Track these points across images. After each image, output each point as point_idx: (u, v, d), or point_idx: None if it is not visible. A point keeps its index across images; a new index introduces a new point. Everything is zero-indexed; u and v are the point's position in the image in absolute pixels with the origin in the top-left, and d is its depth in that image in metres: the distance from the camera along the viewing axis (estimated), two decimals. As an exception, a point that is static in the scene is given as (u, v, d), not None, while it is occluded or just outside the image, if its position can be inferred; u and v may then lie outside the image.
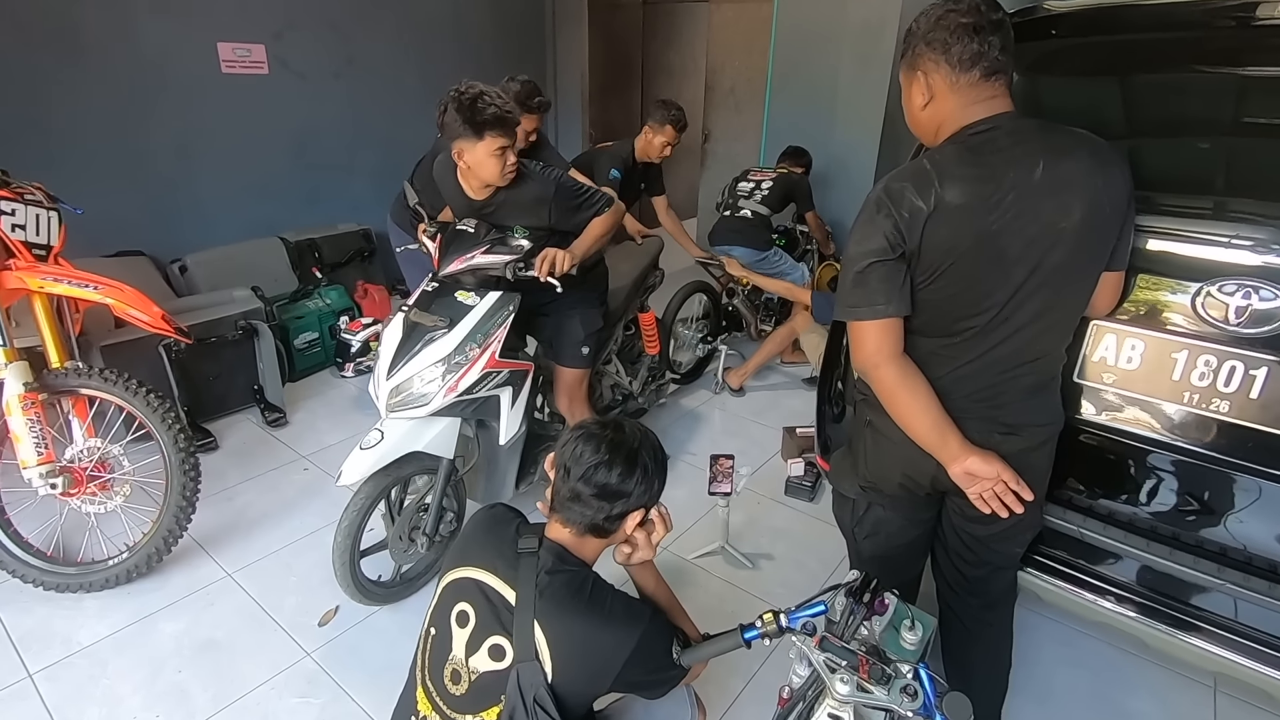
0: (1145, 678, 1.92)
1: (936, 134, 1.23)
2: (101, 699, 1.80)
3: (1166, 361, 1.37)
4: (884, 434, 1.36)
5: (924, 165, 1.16)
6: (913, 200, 1.14)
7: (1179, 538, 1.45)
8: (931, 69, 1.18)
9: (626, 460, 1.16)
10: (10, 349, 2.01)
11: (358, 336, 3.61)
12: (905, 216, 1.14)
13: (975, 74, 1.14)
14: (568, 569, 1.15)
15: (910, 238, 1.14)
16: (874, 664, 1.04)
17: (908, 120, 1.29)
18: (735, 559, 2.33)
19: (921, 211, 1.13)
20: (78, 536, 2.25)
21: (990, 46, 1.12)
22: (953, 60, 1.15)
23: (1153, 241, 1.36)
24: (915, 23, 1.20)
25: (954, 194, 1.12)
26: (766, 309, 3.87)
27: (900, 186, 1.16)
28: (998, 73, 1.15)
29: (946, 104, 1.18)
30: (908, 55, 1.22)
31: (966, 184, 1.13)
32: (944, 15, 1.15)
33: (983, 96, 1.16)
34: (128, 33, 3.46)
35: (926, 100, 1.21)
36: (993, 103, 1.16)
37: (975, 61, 1.13)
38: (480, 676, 1.12)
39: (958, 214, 1.12)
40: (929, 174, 1.14)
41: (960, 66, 1.14)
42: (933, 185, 1.13)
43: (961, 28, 1.13)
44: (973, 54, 1.13)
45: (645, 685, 1.18)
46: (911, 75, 1.23)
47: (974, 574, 1.47)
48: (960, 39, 1.13)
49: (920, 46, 1.19)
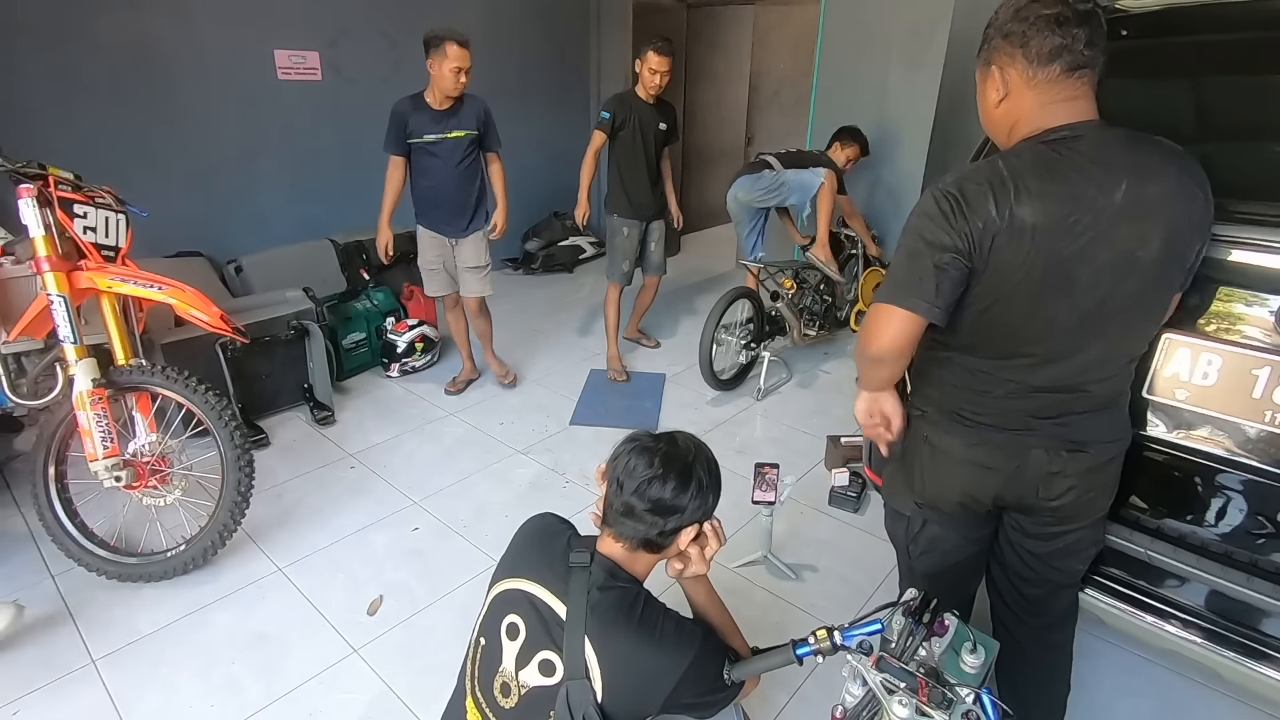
0: (1214, 711, 1.83)
1: (1010, 134, 1.15)
2: (160, 687, 1.86)
3: (1246, 379, 1.30)
4: (942, 450, 1.32)
5: (1001, 171, 1.07)
6: (989, 210, 1.06)
7: (1256, 563, 1.38)
8: (1007, 63, 1.11)
9: (681, 474, 1.14)
10: (80, 346, 2.09)
11: (403, 337, 3.69)
12: (980, 226, 1.06)
13: (1055, 69, 1.06)
14: (619, 585, 1.14)
15: (980, 249, 1.07)
16: (933, 686, 1.01)
17: (981, 117, 1.22)
18: (778, 569, 2.29)
19: (994, 224, 1.05)
20: (137, 528, 2.33)
21: (1075, 40, 1.04)
22: (1030, 54, 1.07)
23: (1233, 252, 1.30)
24: (995, 13, 1.13)
25: (1028, 211, 1.04)
26: (810, 314, 3.81)
27: (979, 190, 1.07)
28: (1082, 68, 1.06)
29: (1023, 101, 1.11)
30: (984, 48, 1.16)
31: (1043, 201, 1.04)
32: (1026, 5, 1.07)
33: (1063, 96, 1.08)
34: (193, 44, 3.60)
35: (1001, 96, 1.14)
36: (1075, 105, 1.08)
37: (1056, 55, 1.05)
38: (530, 691, 1.12)
39: (1030, 235, 1.05)
40: (1006, 182, 1.05)
41: (1039, 60, 1.07)
42: (1009, 197, 1.05)
43: (1043, 19, 1.05)
44: (1054, 47, 1.05)
45: (696, 708, 1.16)
46: (986, 69, 1.16)
47: (1034, 593, 1.41)
48: (1041, 31, 1.05)
49: (996, 39, 1.12)
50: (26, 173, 2.06)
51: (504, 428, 3.21)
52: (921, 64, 4.04)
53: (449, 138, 3.03)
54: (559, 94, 5.35)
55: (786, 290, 3.59)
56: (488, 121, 3.11)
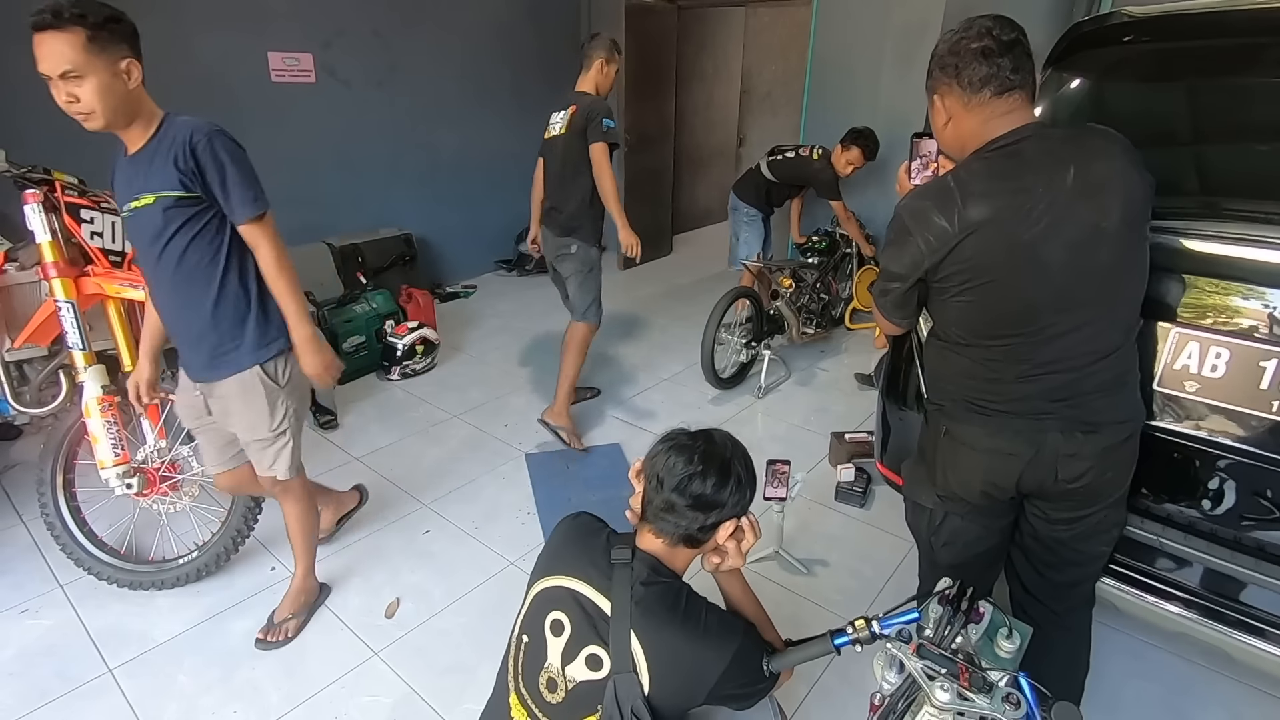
0: (1217, 692, 1.89)
1: (962, 150, 1.28)
2: (179, 695, 1.85)
3: (1254, 370, 1.36)
4: (964, 442, 1.36)
5: (948, 183, 1.21)
6: (936, 220, 1.19)
7: (1263, 547, 1.44)
8: (946, 91, 1.25)
9: (721, 470, 1.17)
10: (89, 352, 2.08)
11: (404, 340, 3.68)
12: (930, 240, 1.20)
13: (987, 93, 1.20)
14: (662, 580, 1.16)
15: (934, 258, 1.21)
16: (974, 671, 1.04)
17: (937, 139, 1.35)
18: (790, 564, 2.33)
19: (947, 232, 1.18)
20: (145, 536, 2.31)
21: (1000, 68, 1.18)
22: (964, 82, 1.21)
23: (1242, 249, 1.35)
24: (934, 48, 1.27)
25: (980, 210, 1.16)
26: (808, 312, 3.87)
27: (922, 206, 1.22)
28: (1011, 89, 1.20)
29: (965, 123, 1.25)
30: (928, 80, 1.30)
31: (993, 198, 1.16)
32: (956, 42, 1.22)
33: (1000, 112, 1.21)
34: (186, 45, 3.57)
35: (946, 120, 1.28)
36: (1011, 117, 1.20)
37: (986, 82, 1.19)
38: (578, 685, 1.14)
39: (986, 230, 1.16)
40: (952, 191, 1.19)
41: (972, 88, 1.21)
42: (955, 203, 1.18)
43: (971, 52, 1.19)
44: (983, 76, 1.19)
45: (737, 698, 1.19)
46: (931, 98, 1.30)
47: (1058, 578, 1.46)
48: (970, 63, 1.20)
49: (936, 71, 1.26)
50: (32, 178, 2.04)
51: (509, 429, 3.21)
52: (913, 65, 4.10)
53: (136, 208, 1.62)
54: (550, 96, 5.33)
55: (785, 289, 3.63)
56: (211, 168, 1.58)
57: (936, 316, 1.35)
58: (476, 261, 5.41)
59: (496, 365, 3.93)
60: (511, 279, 5.47)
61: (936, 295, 1.29)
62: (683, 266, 5.96)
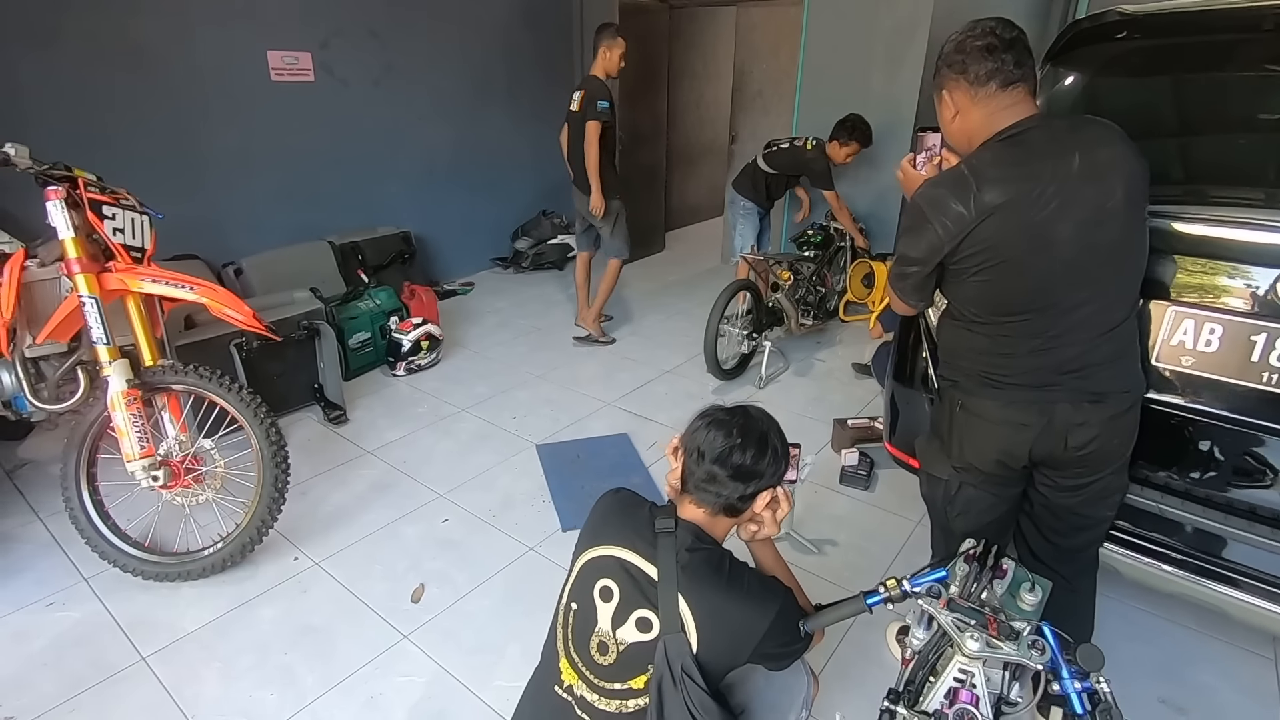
0: (1207, 652, 2.00)
1: (969, 143, 1.36)
2: (216, 679, 1.89)
3: (1245, 344, 1.46)
4: (978, 415, 1.45)
5: (962, 171, 1.29)
6: (954, 206, 1.27)
7: (1255, 510, 1.54)
8: (954, 87, 1.34)
9: (759, 442, 1.24)
10: (113, 347, 2.10)
11: (409, 336, 3.72)
12: (949, 225, 1.28)
13: (992, 86, 1.29)
14: (705, 546, 1.23)
15: (952, 243, 1.29)
16: (1002, 621, 1.13)
17: (944, 133, 1.44)
18: (801, 544, 2.41)
19: (964, 217, 1.26)
20: (167, 528, 2.34)
21: (1004, 63, 1.28)
22: (970, 78, 1.31)
23: (1236, 231, 1.45)
24: (941, 48, 1.36)
25: (994, 195, 1.25)
26: (805, 304, 3.96)
27: (939, 194, 1.30)
28: (1015, 82, 1.29)
29: (972, 115, 1.33)
30: (935, 77, 1.39)
31: (1007, 184, 1.24)
32: (962, 41, 1.32)
33: (1004, 105, 1.30)
34: (185, 44, 3.57)
35: (954, 114, 1.36)
36: (1016, 108, 1.30)
37: (991, 76, 1.29)
38: (629, 647, 1.21)
39: (1001, 213, 1.24)
40: (967, 179, 1.27)
41: (978, 82, 1.30)
42: (971, 190, 1.26)
43: (977, 50, 1.29)
44: (988, 70, 1.28)
45: (776, 657, 1.26)
46: (939, 94, 1.39)
47: (1065, 543, 1.55)
48: (975, 59, 1.29)
49: (943, 69, 1.36)
50: (54, 175, 2.06)
51: (517, 421, 3.27)
52: (903, 63, 4.22)
53: None
54: (545, 94, 5.39)
55: (784, 282, 3.72)
56: None
57: (952, 297, 1.43)
58: (473, 259, 5.45)
59: (499, 360, 3.98)
60: (508, 276, 5.51)
61: (953, 277, 1.38)
62: (676, 262, 6.04)
